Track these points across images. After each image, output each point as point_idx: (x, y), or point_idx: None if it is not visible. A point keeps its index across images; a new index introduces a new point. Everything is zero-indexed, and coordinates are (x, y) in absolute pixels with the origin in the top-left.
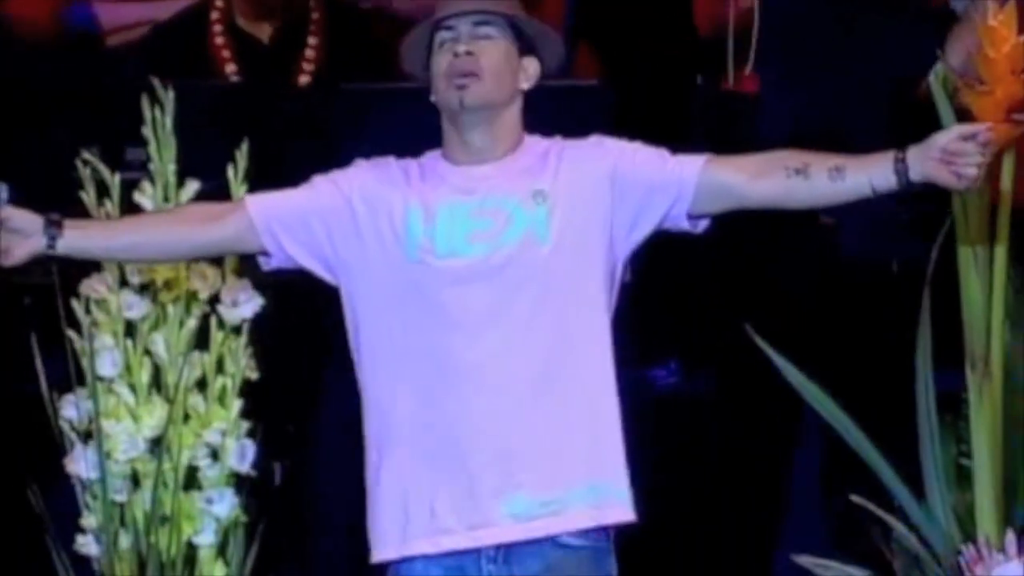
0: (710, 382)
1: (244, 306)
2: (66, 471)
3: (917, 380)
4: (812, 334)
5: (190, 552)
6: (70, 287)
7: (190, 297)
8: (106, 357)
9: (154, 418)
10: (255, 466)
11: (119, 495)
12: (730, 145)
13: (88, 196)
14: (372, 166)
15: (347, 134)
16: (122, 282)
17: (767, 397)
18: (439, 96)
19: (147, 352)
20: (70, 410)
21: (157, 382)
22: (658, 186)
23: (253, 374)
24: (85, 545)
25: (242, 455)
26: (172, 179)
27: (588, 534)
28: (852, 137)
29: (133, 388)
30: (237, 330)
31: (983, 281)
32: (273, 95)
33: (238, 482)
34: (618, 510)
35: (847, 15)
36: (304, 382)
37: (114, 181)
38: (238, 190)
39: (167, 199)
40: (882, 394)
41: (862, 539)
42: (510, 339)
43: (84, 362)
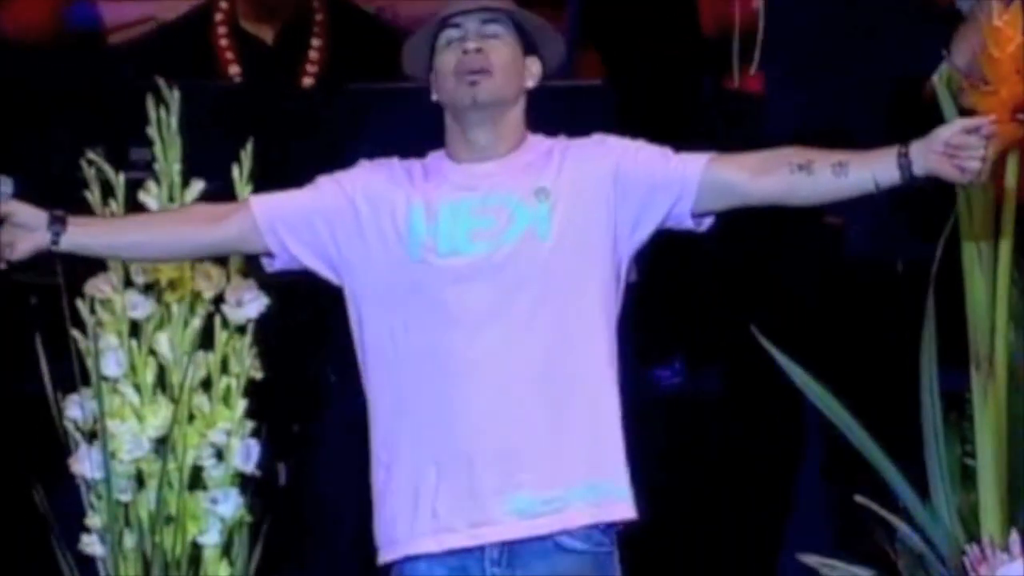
0: (715, 382)
1: (249, 306)
2: (71, 471)
3: (921, 380)
4: (816, 334)
5: (195, 552)
6: (75, 287)
7: (195, 297)
8: (111, 357)
9: (159, 418)
10: (260, 466)
11: (124, 495)
12: (734, 145)
13: (93, 196)
14: (375, 166)
15: (351, 134)
16: (127, 282)
17: (771, 397)
18: (446, 94)
19: (152, 352)
20: (75, 410)
21: (162, 382)
22: (661, 184)
23: (258, 374)
24: (90, 545)
25: (247, 455)
26: (177, 179)
27: (591, 537)
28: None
29: (138, 388)
30: (242, 330)
31: (987, 281)
32: (277, 95)
33: (243, 482)
34: (619, 507)
35: (853, 15)
36: (309, 382)
37: (119, 181)
38: (243, 190)
39: (172, 199)
40: (886, 394)
41: (866, 539)
42: (510, 337)
43: (89, 362)
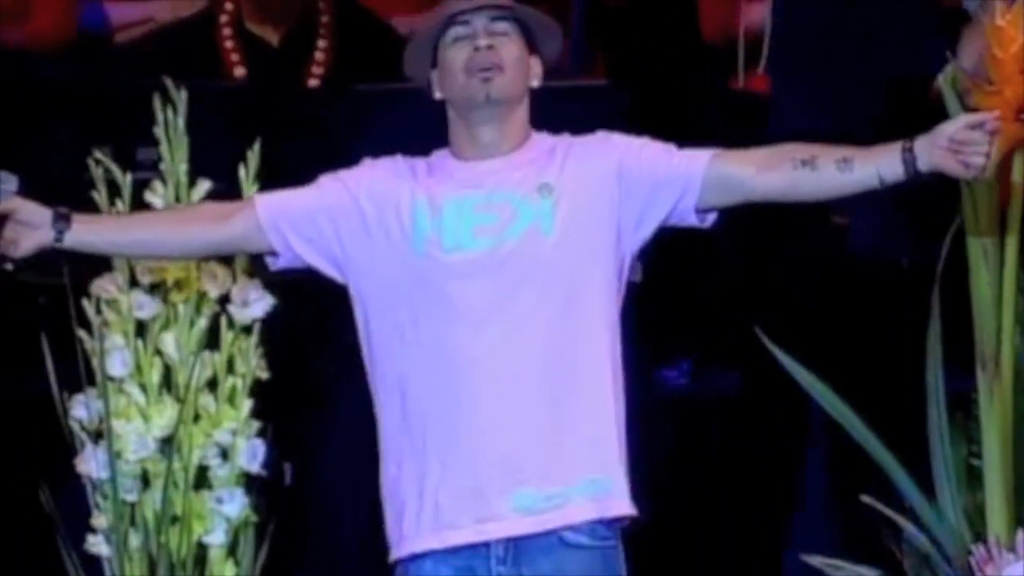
0: (721, 382)
1: (255, 306)
2: (76, 471)
3: (927, 380)
4: (822, 333)
5: (200, 552)
6: (81, 287)
7: (201, 297)
8: (116, 357)
9: (164, 418)
10: (265, 466)
11: (129, 495)
12: (739, 145)
13: (100, 196)
14: (379, 164)
15: (356, 135)
16: (133, 282)
17: (777, 397)
18: (455, 91)
19: (157, 352)
20: (80, 410)
21: (167, 382)
22: (664, 181)
23: (263, 374)
24: (96, 545)
25: (252, 455)
26: (183, 179)
27: (596, 532)
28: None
29: (143, 388)
30: (248, 330)
31: (993, 280)
32: (283, 96)
33: (248, 482)
34: (618, 503)
35: (858, 15)
36: (314, 382)
37: (125, 181)
38: (249, 191)
39: (178, 199)
40: (892, 394)
41: (872, 539)
42: (512, 332)
43: (94, 362)
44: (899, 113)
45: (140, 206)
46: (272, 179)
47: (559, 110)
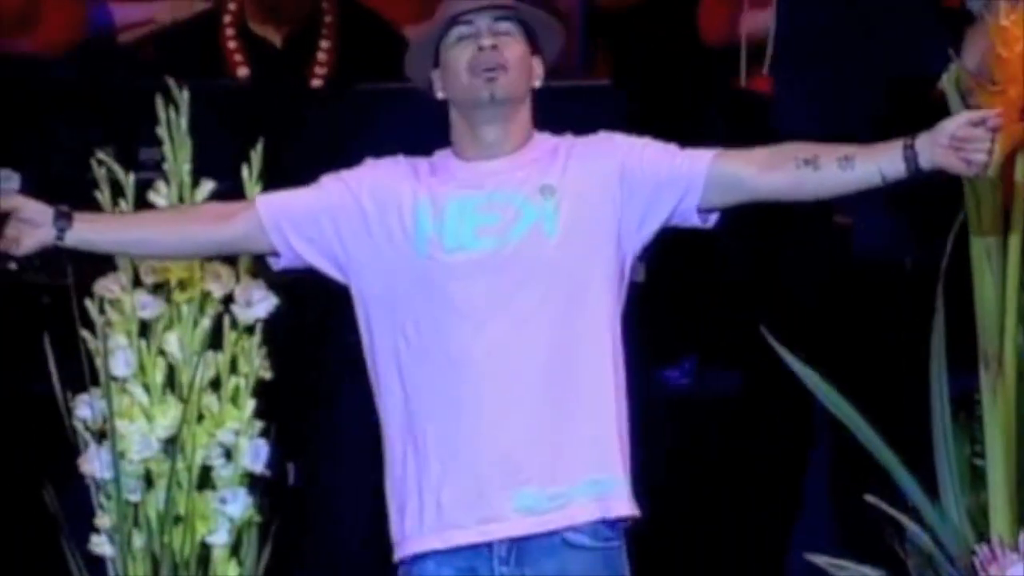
0: (724, 382)
1: (258, 306)
2: (80, 471)
3: (931, 380)
4: (825, 334)
5: (204, 552)
6: (84, 287)
7: (204, 297)
8: (120, 357)
9: (168, 418)
10: (269, 466)
11: (133, 495)
12: (742, 146)
13: (103, 196)
14: (381, 164)
15: (359, 135)
16: (136, 282)
17: (780, 397)
18: (458, 90)
19: (161, 352)
20: (84, 410)
21: (171, 382)
22: (667, 181)
23: (267, 374)
24: (99, 545)
25: (256, 455)
26: (187, 179)
27: (598, 533)
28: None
29: (147, 388)
30: (251, 330)
31: (996, 280)
32: (286, 96)
33: (252, 482)
34: (621, 504)
35: (861, 15)
36: (318, 382)
37: (128, 181)
38: (252, 191)
39: (182, 199)
40: (895, 394)
41: (876, 539)
42: (513, 332)
43: (98, 362)
44: (901, 113)
45: (143, 206)
46: (275, 179)
47: (562, 110)
